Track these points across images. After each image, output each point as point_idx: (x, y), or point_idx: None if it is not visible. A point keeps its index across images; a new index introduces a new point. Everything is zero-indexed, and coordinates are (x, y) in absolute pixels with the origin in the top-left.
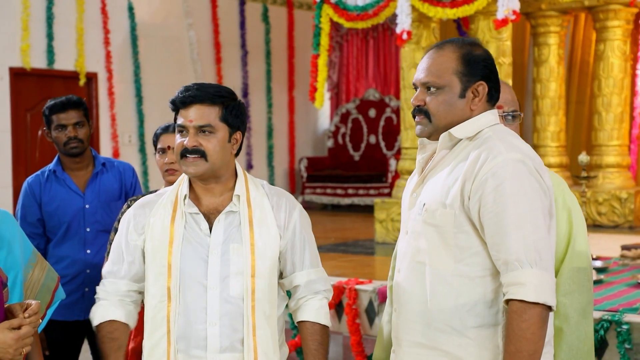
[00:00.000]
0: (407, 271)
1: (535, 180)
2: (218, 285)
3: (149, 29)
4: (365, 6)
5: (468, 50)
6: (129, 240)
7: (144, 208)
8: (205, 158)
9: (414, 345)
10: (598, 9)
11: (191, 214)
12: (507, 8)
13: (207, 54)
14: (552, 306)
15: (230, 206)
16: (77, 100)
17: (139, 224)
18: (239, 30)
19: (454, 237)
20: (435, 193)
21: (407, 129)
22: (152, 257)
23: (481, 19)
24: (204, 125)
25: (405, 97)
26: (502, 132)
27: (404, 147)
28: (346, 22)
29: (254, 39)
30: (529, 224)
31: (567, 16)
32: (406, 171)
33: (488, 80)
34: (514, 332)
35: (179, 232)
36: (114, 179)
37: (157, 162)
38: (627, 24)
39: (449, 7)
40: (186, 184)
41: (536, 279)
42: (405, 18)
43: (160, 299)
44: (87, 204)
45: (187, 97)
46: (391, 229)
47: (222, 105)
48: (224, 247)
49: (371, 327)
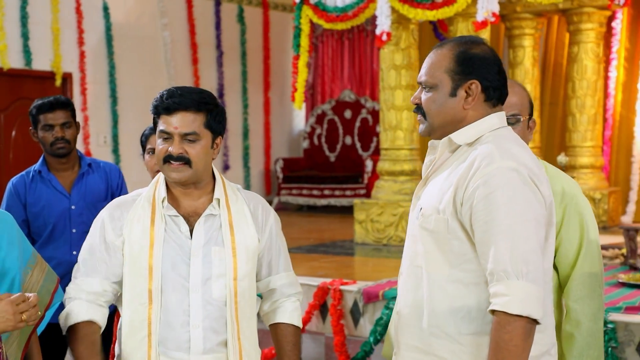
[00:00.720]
0: (406, 275)
1: (529, 190)
2: (200, 287)
3: (124, 29)
4: (344, 7)
5: (464, 49)
6: (107, 240)
7: (120, 208)
8: (190, 165)
9: (411, 349)
10: (572, 11)
11: (170, 216)
12: (487, 10)
13: (183, 55)
14: (537, 319)
15: (209, 209)
16: (65, 100)
17: (116, 225)
18: (214, 30)
19: (448, 243)
20: (431, 198)
21: (387, 130)
22: (131, 259)
23: (460, 21)
24: (190, 132)
25: (385, 98)
26: (502, 137)
27: (384, 148)
28: (326, 23)
29: (230, 39)
30: (518, 235)
31: (542, 18)
32: (385, 172)
33: (483, 79)
34: (497, 344)
35: (160, 235)
36: (100, 179)
37: (146, 163)
38: (600, 26)
39: (429, 8)
40: (163, 186)
41: (521, 291)
42: (385, 19)
43: (140, 302)
44: (73, 205)
45: (171, 104)
46: (371, 229)
47: (206, 112)
48: (205, 250)
49: (356, 327)
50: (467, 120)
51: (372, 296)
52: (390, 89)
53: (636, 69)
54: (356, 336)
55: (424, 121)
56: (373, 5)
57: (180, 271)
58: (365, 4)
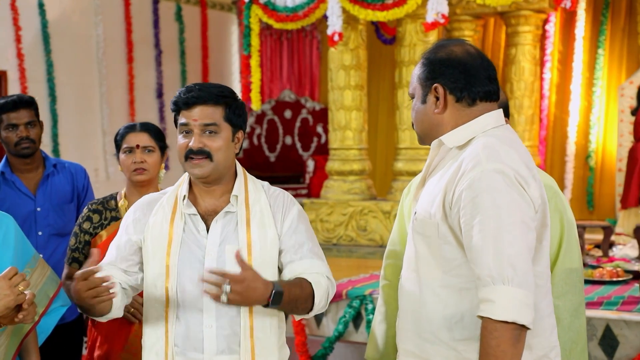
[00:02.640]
0: (404, 279)
1: (515, 192)
2: (213, 287)
3: (61, 26)
4: (295, 7)
5: (428, 55)
6: (129, 236)
7: (147, 206)
8: (211, 158)
9: (408, 354)
10: (510, 14)
11: (189, 215)
12: (437, 12)
13: (119, 53)
14: (525, 324)
15: (227, 207)
16: (29, 99)
17: (139, 222)
18: (152, 29)
19: (440, 247)
20: (424, 202)
21: (336, 130)
22: (151, 258)
23: (409, 22)
24: (210, 123)
25: (334, 98)
26: (493, 138)
27: (333, 147)
28: (276, 22)
29: (168, 38)
30: (503, 239)
31: (480, 21)
32: (335, 172)
33: (447, 81)
34: (485, 350)
35: (178, 233)
36: (65, 180)
37: (122, 162)
38: (536, 29)
39: (379, 9)
40: (186, 185)
41: (506, 297)
42: (336, 20)
43: (157, 300)
44: (39, 207)
45: (190, 98)
46: (320, 229)
47: (225, 104)
48: (220, 249)
49: (318, 327)
50: (445, 124)
51: (335, 295)
52: (340, 89)
53: (569, 70)
54: (318, 335)
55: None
56: (324, 5)
57: (195, 271)
58: (315, 4)
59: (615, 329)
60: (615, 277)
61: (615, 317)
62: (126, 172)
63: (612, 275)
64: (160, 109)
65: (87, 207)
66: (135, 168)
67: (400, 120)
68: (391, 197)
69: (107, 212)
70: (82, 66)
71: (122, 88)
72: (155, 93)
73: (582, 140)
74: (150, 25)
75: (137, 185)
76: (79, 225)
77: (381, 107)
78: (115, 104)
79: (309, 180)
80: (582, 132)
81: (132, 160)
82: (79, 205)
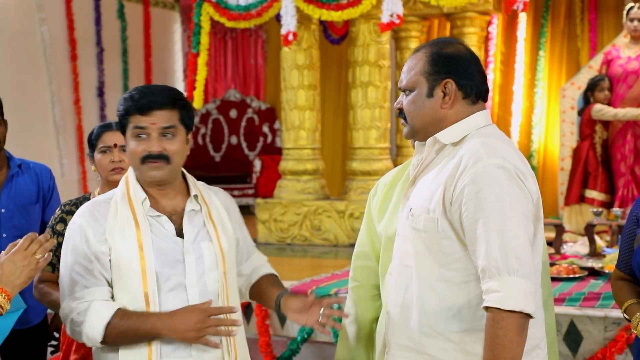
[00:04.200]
0: (396, 274)
1: (516, 186)
2: (196, 283)
3: (1, 23)
4: (248, 6)
5: (437, 49)
6: (92, 249)
7: (94, 215)
8: (168, 161)
9: (402, 349)
10: (455, 16)
11: (153, 217)
12: (392, 12)
13: (62, 51)
14: (530, 313)
15: (190, 205)
16: None
17: (97, 231)
18: (94, 26)
19: (438, 242)
20: (420, 198)
21: (289, 129)
22: (121, 264)
23: (362, 22)
24: (169, 126)
25: (287, 98)
26: (488, 135)
27: (286, 147)
28: (228, 21)
29: (110, 35)
30: (508, 231)
31: (427, 22)
32: (289, 172)
33: (458, 78)
34: (491, 340)
35: (147, 236)
36: (30, 181)
37: (98, 162)
38: (481, 30)
39: (334, 9)
40: (139, 187)
41: (514, 287)
42: (291, 19)
43: (136, 306)
44: (3, 208)
45: (146, 104)
46: (274, 229)
47: (180, 107)
48: (195, 246)
49: (282, 327)
50: (447, 120)
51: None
52: (293, 89)
53: (512, 71)
54: (282, 336)
55: (406, 124)
56: (277, 4)
57: (175, 270)
58: (269, 3)
59: (579, 324)
60: (572, 274)
61: (579, 313)
62: (102, 172)
63: (568, 272)
64: (101, 108)
65: (60, 209)
66: (114, 167)
67: (354, 120)
68: (346, 197)
69: None
70: (27, 64)
71: (67, 86)
72: (96, 91)
73: (524, 140)
74: (92, 23)
75: (113, 185)
76: (51, 228)
77: (327, 107)
78: (64, 103)
79: (255, 180)
80: (524, 132)
81: (110, 159)
82: (44, 207)
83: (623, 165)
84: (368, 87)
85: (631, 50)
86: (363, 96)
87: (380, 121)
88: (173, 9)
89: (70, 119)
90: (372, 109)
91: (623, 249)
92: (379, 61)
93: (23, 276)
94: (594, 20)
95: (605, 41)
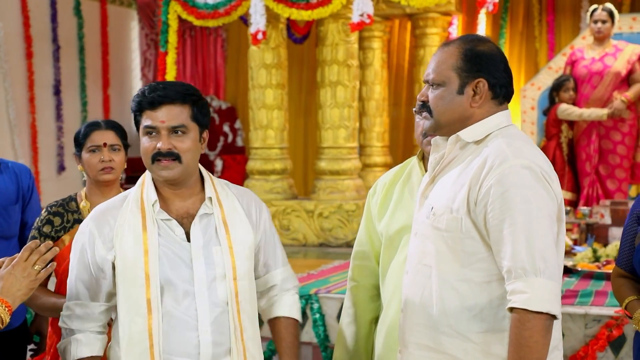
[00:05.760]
0: (413, 274)
1: (541, 187)
2: (206, 290)
3: None
4: (216, 4)
5: (471, 46)
6: (98, 256)
7: (106, 218)
8: (180, 160)
9: (421, 348)
10: (418, 16)
11: (163, 220)
12: (363, 12)
13: (17, 48)
14: (556, 315)
15: (203, 208)
16: None
17: (106, 238)
18: (50, 23)
19: (461, 242)
20: (442, 197)
21: (257, 129)
22: (125, 269)
23: (331, 22)
24: (178, 125)
25: (255, 97)
26: (511, 136)
27: (254, 147)
28: (196, 19)
29: (66, 33)
30: (535, 232)
31: (389, 22)
32: (257, 171)
33: (491, 77)
34: (517, 341)
35: (154, 241)
36: (10, 181)
37: (87, 161)
38: (443, 31)
39: (304, 8)
40: (152, 188)
41: (540, 288)
42: (260, 18)
43: (138, 313)
44: None
45: (156, 98)
46: None
47: (192, 103)
48: (205, 251)
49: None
50: (474, 118)
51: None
52: (261, 88)
53: None
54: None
55: (429, 118)
56: (246, 3)
57: (182, 276)
58: (237, 2)
59: None
60: None
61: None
62: (91, 172)
63: None
64: (57, 107)
65: (46, 210)
66: (103, 167)
67: (323, 119)
68: (314, 197)
69: (68, 215)
70: None
71: (22, 84)
72: (53, 90)
73: None
74: (48, 19)
75: (102, 185)
76: (37, 229)
77: (292, 106)
78: (18, 101)
79: None
80: None
81: (100, 159)
82: (24, 207)
83: (588, 164)
84: (337, 87)
85: (595, 51)
86: (332, 95)
87: (349, 120)
88: (130, 6)
89: (25, 118)
90: (341, 109)
91: (624, 247)
92: (348, 60)
93: (24, 288)
94: (551, 22)
95: (563, 42)
